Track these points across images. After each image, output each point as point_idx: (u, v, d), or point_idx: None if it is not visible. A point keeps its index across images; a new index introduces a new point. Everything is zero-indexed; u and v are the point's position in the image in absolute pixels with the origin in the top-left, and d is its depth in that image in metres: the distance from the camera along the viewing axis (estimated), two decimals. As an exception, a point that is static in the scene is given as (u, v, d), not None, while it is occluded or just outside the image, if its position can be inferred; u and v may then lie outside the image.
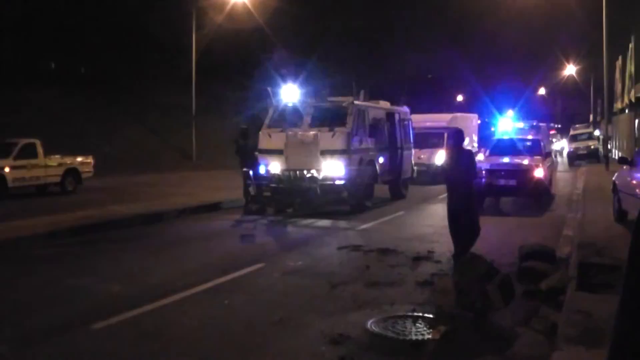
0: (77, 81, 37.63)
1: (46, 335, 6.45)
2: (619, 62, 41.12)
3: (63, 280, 9.01)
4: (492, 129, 42.74)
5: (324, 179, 15.94)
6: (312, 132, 16.19)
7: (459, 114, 32.42)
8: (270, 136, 16.70)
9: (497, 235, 12.68)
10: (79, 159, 22.17)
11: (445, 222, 10.62)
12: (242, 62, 46.41)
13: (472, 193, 9.86)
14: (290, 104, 17.47)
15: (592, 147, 40.12)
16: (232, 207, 17.57)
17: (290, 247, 11.65)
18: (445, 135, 27.10)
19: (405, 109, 21.51)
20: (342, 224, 14.55)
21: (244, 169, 16.83)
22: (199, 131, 37.73)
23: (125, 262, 10.35)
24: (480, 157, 26.35)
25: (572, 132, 45.88)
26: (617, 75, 42.63)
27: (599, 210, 14.45)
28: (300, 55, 47.14)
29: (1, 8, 33.33)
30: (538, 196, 16.96)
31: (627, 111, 38.25)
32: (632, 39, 32.70)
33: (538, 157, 17.42)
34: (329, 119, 16.42)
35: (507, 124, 36.70)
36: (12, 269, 9.97)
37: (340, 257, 10.53)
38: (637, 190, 11.00)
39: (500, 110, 50.72)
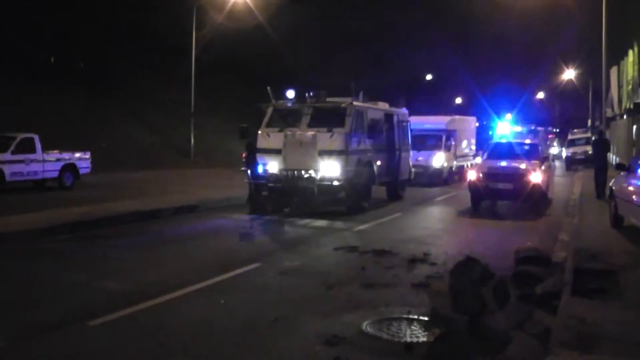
0: (76, 77, 37.57)
1: (42, 331, 6.46)
2: (614, 69, 41.06)
3: (59, 276, 9.03)
4: (490, 132, 42.75)
5: (322, 179, 15.96)
6: (310, 133, 16.19)
7: (457, 117, 32.38)
8: (268, 136, 16.72)
9: (493, 239, 12.72)
10: (77, 154, 22.18)
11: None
12: (242, 60, 46.47)
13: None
14: (289, 104, 17.46)
15: (590, 152, 40.09)
16: (229, 206, 17.60)
17: (287, 247, 11.67)
18: (444, 137, 27.18)
19: (404, 110, 21.51)
20: (339, 224, 14.57)
21: (247, 169, 16.93)
22: (197, 129, 37.76)
23: (122, 259, 10.36)
24: (477, 160, 26.44)
25: (570, 137, 45.83)
26: (614, 82, 42.62)
27: (596, 215, 14.51)
28: (300, 55, 47.23)
29: (0, 3, 33.29)
30: (535, 200, 16.99)
31: (625, 117, 38.28)
32: (635, 43, 32.64)
33: (536, 162, 17.43)
34: (328, 119, 16.40)
35: (505, 128, 36.71)
36: (8, 264, 9.97)
37: (336, 257, 10.55)
38: (634, 197, 11.03)
39: (499, 114, 50.67)
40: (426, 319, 6.88)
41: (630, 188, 11.44)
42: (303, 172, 16.10)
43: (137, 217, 14.76)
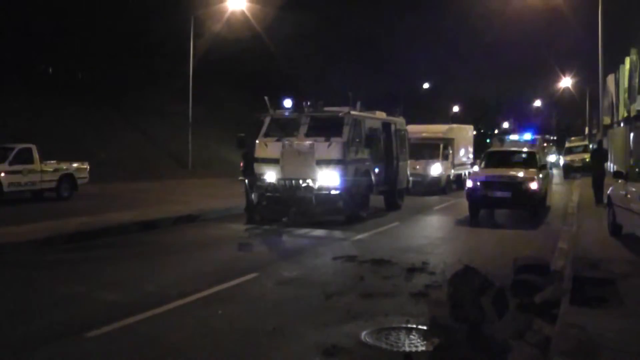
0: (75, 87, 37.60)
1: (40, 342, 6.42)
2: (611, 77, 41.16)
3: (57, 287, 8.99)
4: (487, 140, 42.86)
5: (320, 188, 15.95)
6: (308, 142, 16.21)
7: (454, 125, 32.49)
8: (266, 145, 16.73)
9: (491, 248, 12.71)
10: (75, 164, 22.14)
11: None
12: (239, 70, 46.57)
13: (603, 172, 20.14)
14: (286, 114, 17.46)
15: (587, 159, 40.15)
16: (227, 216, 17.58)
17: (285, 257, 11.64)
18: (441, 146, 27.21)
19: (402, 119, 21.55)
20: (337, 234, 14.56)
21: (244, 178, 16.93)
22: (195, 139, 37.75)
23: (121, 270, 10.33)
24: (475, 168, 26.47)
25: (567, 145, 45.92)
26: (612, 89, 42.72)
27: (594, 223, 14.51)
28: (298, 65, 47.29)
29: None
30: (533, 208, 17.01)
31: (622, 124, 38.35)
32: (635, 52, 32.72)
33: (533, 170, 17.46)
34: (325, 128, 16.42)
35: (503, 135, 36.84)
36: (6, 274, 9.93)
37: (334, 267, 10.53)
38: (632, 204, 11.03)
39: (496, 122, 50.84)
40: (425, 328, 6.86)
41: (629, 196, 11.44)
42: (301, 181, 16.10)
43: (135, 227, 14.73)
